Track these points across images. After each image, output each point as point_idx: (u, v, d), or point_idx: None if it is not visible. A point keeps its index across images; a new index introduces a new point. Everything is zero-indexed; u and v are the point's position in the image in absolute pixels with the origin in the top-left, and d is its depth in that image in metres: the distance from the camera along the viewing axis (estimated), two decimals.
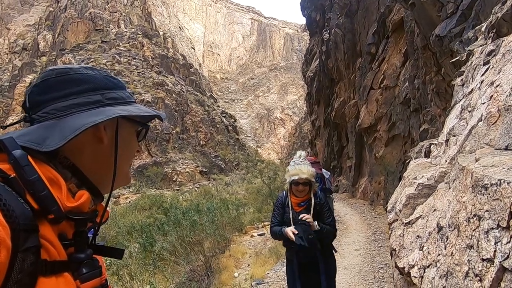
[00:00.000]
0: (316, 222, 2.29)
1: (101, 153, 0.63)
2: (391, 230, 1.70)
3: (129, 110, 0.64)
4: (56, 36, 44.52)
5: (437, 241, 1.19)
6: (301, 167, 2.36)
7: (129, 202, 20.48)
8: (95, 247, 0.62)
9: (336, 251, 2.58)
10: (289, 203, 2.42)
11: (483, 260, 0.90)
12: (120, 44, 42.11)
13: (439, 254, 1.14)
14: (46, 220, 0.52)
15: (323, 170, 2.80)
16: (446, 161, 1.68)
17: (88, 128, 0.57)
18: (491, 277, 0.85)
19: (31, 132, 0.56)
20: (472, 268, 0.93)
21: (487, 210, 0.95)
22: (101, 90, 0.63)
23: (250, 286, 5.03)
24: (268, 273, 5.43)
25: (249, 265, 6.26)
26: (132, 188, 25.34)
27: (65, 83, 0.61)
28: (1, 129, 0.75)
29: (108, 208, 0.67)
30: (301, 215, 2.27)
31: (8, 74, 44.66)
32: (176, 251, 6.89)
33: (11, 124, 0.72)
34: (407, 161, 4.23)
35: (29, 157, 0.53)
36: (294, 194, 2.42)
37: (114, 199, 22.69)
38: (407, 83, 9.47)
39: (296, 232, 2.23)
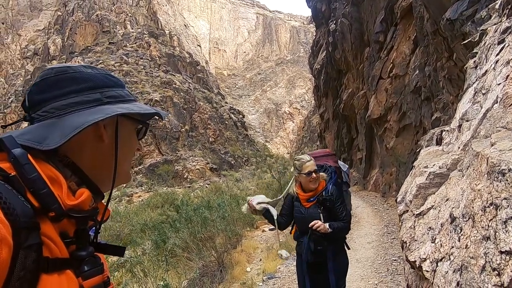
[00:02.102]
0: (327, 225, 2.19)
1: (101, 151, 0.63)
2: (402, 222, 1.63)
3: (129, 108, 0.64)
4: (65, 39, 45.40)
5: (450, 232, 1.12)
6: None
7: (142, 200, 20.87)
8: (96, 245, 0.62)
9: (349, 248, 2.48)
10: (297, 198, 2.38)
11: (501, 252, 0.83)
12: (127, 44, 42.61)
13: (452, 247, 1.07)
14: (47, 218, 0.52)
15: (340, 163, 2.62)
16: (459, 147, 1.59)
17: (88, 127, 0.57)
18: (511, 271, 0.78)
19: (31, 131, 0.57)
20: (489, 262, 0.86)
21: (505, 198, 0.88)
22: (100, 88, 0.63)
23: (262, 281, 5.03)
24: (279, 268, 5.42)
25: (261, 259, 6.26)
26: (144, 186, 25.83)
27: (65, 82, 0.61)
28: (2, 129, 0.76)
29: (109, 207, 0.67)
30: (312, 223, 2.17)
31: (21, 79, 45.88)
32: (188, 247, 6.95)
33: (11, 124, 0.72)
34: (418, 151, 4.10)
35: (29, 155, 0.53)
36: (303, 190, 2.35)
37: (127, 198, 23.18)
38: (417, 71, 9.19)
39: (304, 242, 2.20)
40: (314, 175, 2.28)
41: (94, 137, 0.62)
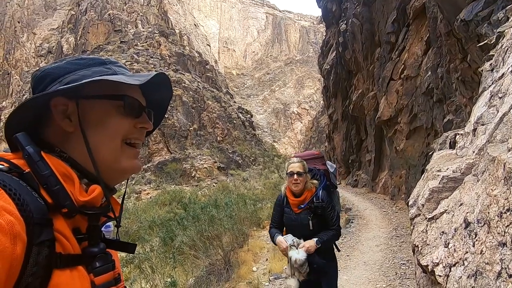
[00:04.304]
0: (315, 241, 2.15)
1: (78, 143, 0.60)
2: (413, 226, 1.62)
3: (76, 84, 0.59)
4: (78, 38, 46.24)
5: (464, 237, 1.10)
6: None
7: (150, 197, 21.11)
8: (108, 242, 0.62)
9: (339, 250, 2.46)
10: (287, 202, 2.32)
11: None
12: (138, 43, 43.08)
13: (466, 252, 1.06)
14: (60, 214, 0.53)
15: (328, 163, 2.54)
16: (473, 151, 1.56)
17: (48, 119, 0.59)
18: None
19: None
20: (505, 268, 0.85)
21: None
22: (61, 77, 0.61)
23: (268, 281, 5.04)
24: (285, 268, 5.40)
25: (267, 259, 6.26)
26: (152, 184, 26.10)
27: (36, 86, 0.63)
28: None
29: (117, 199, 0.66)
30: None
31: None
32: (195, 245, 7.00)
33: None
34: (430, 154, 4.04)
35: (42, 152, 0.54)
36: (292, 193, 2.30)
37: (136, 195, 23.47)
38: (429, 72, 9.04)
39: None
40: (295, 177, 2.22)
41: (64, 131, 0.60)
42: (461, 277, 1.04)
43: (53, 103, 0.59)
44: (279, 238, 2.28)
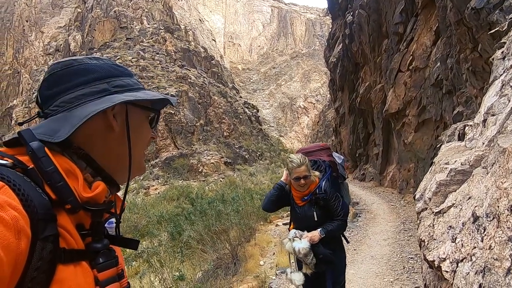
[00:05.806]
0: (319, 231, 2.16)
1: (112, 141, 0.63)
2: (420, 220, 1.58)
3: (136, 95, 0.64)
4: (85, 36, 46.59)
5: (473, 232, 1.07)
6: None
7: (158, 193, 21.35)
8: (111, 238, 0.63)
9: (348, 242, 2.46)
10: (292, 195, 2.34)
11: None
12: (144, 40, 43.21)
13: (474, 247, 1.02)
14: (64, 210, 0.53)
15: (336, 155, 2.53)
16: (483, 143, 1.51)
17: (93, 116, 0.58)
18: None
19: (43, 126, 0.59)
20: None
21: None
22: (107, 78, 0.64)
23: (275, 274, 5.06)
24: (292, 262, 5.41)
25: (274, 253, 6.28)
26: (160, 179, 26.39)
27: (71, 75, 0.62)
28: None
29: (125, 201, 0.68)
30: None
31: None
32: (203, 239, 7.07)
33: (26, 121, 0.73)
34: (439, 146, 3.95)
35: (46, 148, 0.54)
36: (295, 189, 2.32)
37: (144, 190, 23.78)
38: (438, 63, 8.82)
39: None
40: (302, 181, 2.21)
41: (105, 127, 0.62)
42: (468, 273, 1.01)
43: None
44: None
